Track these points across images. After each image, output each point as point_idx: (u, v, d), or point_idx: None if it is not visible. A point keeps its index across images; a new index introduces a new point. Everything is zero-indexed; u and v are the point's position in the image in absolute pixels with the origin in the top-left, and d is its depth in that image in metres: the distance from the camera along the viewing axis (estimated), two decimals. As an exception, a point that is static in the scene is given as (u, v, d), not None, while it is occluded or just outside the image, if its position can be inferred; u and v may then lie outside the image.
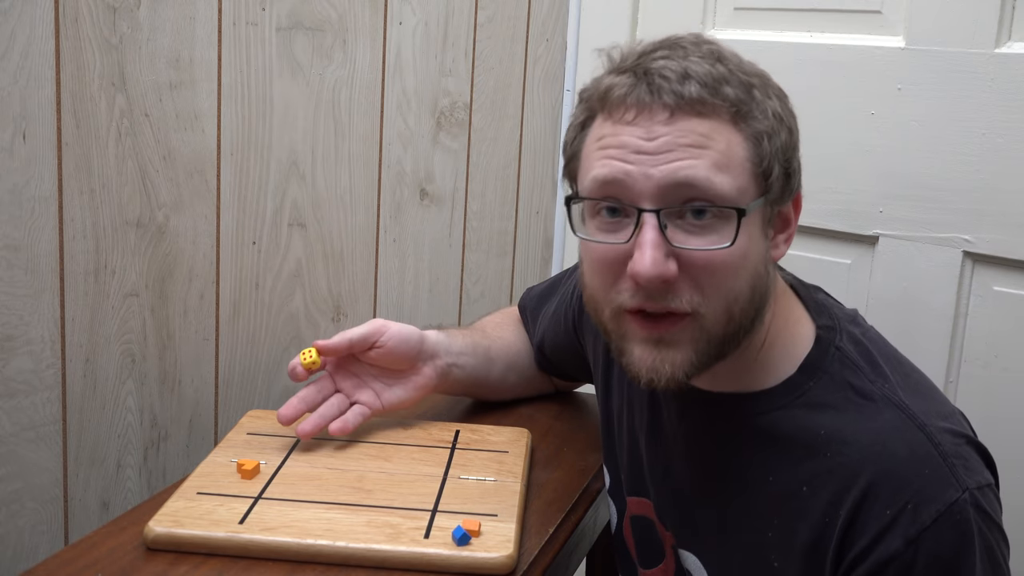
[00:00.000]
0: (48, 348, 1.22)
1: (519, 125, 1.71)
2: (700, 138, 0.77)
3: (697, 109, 0.77)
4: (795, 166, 0.82)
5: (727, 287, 0.78)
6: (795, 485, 0.82)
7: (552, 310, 1.20)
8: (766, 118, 0.79)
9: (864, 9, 1.43)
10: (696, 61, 0.78)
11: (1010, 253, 1.33)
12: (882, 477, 0.77)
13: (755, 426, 0.85)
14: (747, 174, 0.78)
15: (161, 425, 1.37)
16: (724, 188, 0.77)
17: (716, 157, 0.77)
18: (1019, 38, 1.31)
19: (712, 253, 0.77)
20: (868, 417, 0.81)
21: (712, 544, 0.90)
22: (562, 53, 1.72)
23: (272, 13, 1.38)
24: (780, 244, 0.84)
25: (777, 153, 0.79)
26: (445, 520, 0.92)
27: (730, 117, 0.78)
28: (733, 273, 0.78)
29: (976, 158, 1.34)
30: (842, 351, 0.85)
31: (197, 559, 0.88)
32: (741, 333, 0.81)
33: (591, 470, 1.11)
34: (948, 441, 0.79)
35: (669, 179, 0.76)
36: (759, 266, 0.80)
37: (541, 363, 1.24)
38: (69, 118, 1.20)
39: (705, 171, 0.76)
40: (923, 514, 0.76)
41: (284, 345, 1.50)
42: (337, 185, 1.51)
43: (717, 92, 0.77)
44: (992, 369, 1.36)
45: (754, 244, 0.79)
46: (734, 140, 0.78)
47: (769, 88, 0.81)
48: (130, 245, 1.29)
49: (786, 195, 0.82)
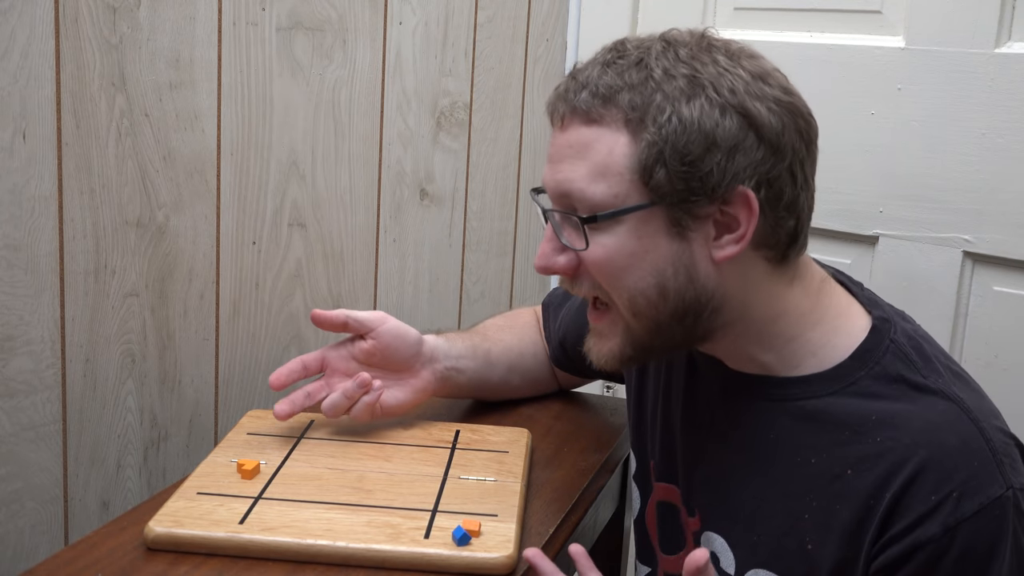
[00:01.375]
0: (48, 348, 1.22)
1: (519, 125, 1.71)
2: (582, 146, 0.83)
3: (585, 118, 0.83)
4: (714, 168, 0.81)
5: (618, 283, 0.85)
6: (839, 467, 0.83)
7: (579, 303, 1.20)
8: (656, 124, 0.80)
9: (864, 9, 1.43)
10: (612, 70, 0.83)
11: (1010, 253, 1.33)
12: (932, 463, 0.79)
13: (802, 408, 0.87)
14: (626, 181, 0.82)
15: (161, 425, 1.37)
16: (597, 196, 0.83)
17: (593, 165, 0.83)
18: (1019, 38, 1.31)
19: (585, 254, 0.85)
20: (922, 407, 0.82)
21: (743, 527, 0.90)
22: (562, 53, 1.72)
23: (272, 13, 1.38)
24: (727, 245, 0.84)
25: (664, 158, 0.80)
26: (445, 520, 0.92)
27: (623, 123, 0.82)
28: (617, 270, 0.84)
29: (976, 158, 1.34)
30: (896, 344, 0.86)
31: (197, 559, 0.88)
32: (667, 328, 0.86)
33: (591, 470, 1.11)
34: (999, 439, 0.81)
35: (556, 188, 0.86)
36: (665, 265, 0.83)
37: (559, 359, 1.24)
38: (69, 118, 1.20)
39: (580, 182, 0.83)
40: (966, 505, 0.77)
41: (284, 345, 1.49)
42: (337, 185, 1.51)
43: (608, 101, 0.82)
44: (992, 369, 1.36)
45: (649, 244, 0.83)
46: (618, 146, 0.82)
47: (703, 88, 0.81)
48: (130, 245, 1.29)
49: (703, 195, 0.81)
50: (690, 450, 0.97)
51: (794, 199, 0.85)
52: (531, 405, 1.26)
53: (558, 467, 1.11)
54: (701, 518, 0.95)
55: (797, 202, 0.86)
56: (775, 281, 0.87)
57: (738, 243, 0.83)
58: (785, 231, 0.85)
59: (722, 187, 0.81)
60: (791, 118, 0.84)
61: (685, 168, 0.81)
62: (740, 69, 0.82)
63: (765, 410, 0.89)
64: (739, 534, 0.91)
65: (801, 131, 0.84)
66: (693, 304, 0.85)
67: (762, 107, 0.82)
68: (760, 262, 0.86)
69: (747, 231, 0.83)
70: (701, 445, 0.95)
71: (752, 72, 0.83)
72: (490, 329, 1.25)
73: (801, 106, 0.85)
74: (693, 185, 0.81)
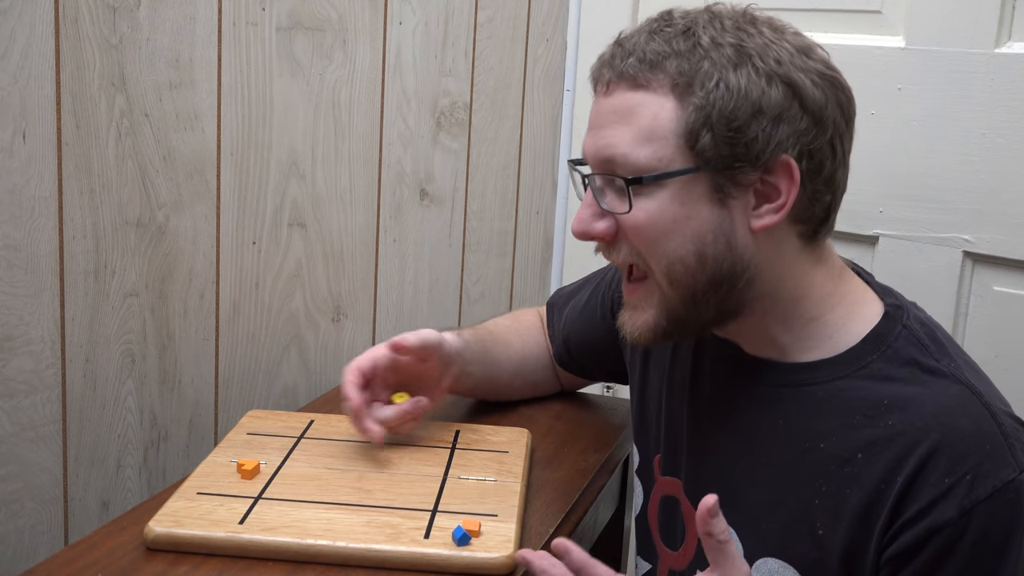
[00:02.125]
0: (48, 348, 1.22)
1: (519, 125, 1.71)
2: (627, 112, 0.84)
3: (631, 83, 0.84)
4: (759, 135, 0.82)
5: (656, 250, 0.85)
6: (850, 451, 0.83)
7: (584, 301, 1.21)
8: (704, 89, 0.82)
9: (864, 9, 1.43)
10: (659, 37, 0.84)
11: (1010, 253, 1.33)
12: (944, 446, 0.79)
13: (813, 394, 0.87)
14: (671, 146, 0.83)
15: (161, 425, 1.37)
16: (642, 160, 0.83)
17: (638, 130, 0.83)
18: (1019, 38, 1.31)
19: (625, 217, 0.85)
20: (934, 391, 0.82)
21: (752, 515, 0.90)
22: (562, 53, 1.72)
23: (272, 13, 1.38)
24: (766, 215, 0.85)
25: (711, 123, 0.82)
26: (445, 520, 0.92)
27: (668, 88, 0.83)
28: (659, 235, 0.84)
29: (976, 158, 1.34)
30: (909, 329, 0.87)
31: (197, 559, 0.88)
32: (701, 299, 0.86)
33: (591, 470, 1.11)
34: (1009, 424, 0.81)
35: (598, 153, 0.86)
36: (705, 233, 0.84)
37: (562, 359, 1.24)
38: (69, 118, 1.20)
39: (624, 146, 0.84)
40: (980, 488, 0.77)
41: (284, 345, 1.50)
42: (337, 185, 1.51)
43: (656, 66, 0.83)
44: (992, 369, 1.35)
45: (691, 211, 0.83)
46: (664, 111, 0.83)
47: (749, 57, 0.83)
48: (130, 245, 1.29)
49: (746, 162, 0.83)
50: (695, 440, 0.97)
51: (832, 173, 0.87)
52: (531, 405, 1.26)
53: (558, 467, 1.11)
54: None
55: (835, 177, 0.87)
56: (804, 259, 0.88)
57: (777, 213, 0.85)
58: (821, 206, 0.87)
59: (766, 154, 0.83)
60: (833, 92, 0.86)
61: (731, 134, 0.82)
62: (785, 42, 0.85)
63: (774, 397, 0.89)
64: (747, 522, 0.91)
65: (843, 106, 0.87)
66: (729, 274, 0.85)
67: (806, 79, 0.84)
68: (793, 238, 0.87)
69: (787, 201, 0.84)
70: (707, 435, 0.95)
71: (796, 45, 0.85)
72: (498, 329, 1.25)
73: (843, 81, 0.88)
74: (738, 151, 0.82)
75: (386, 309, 1.61)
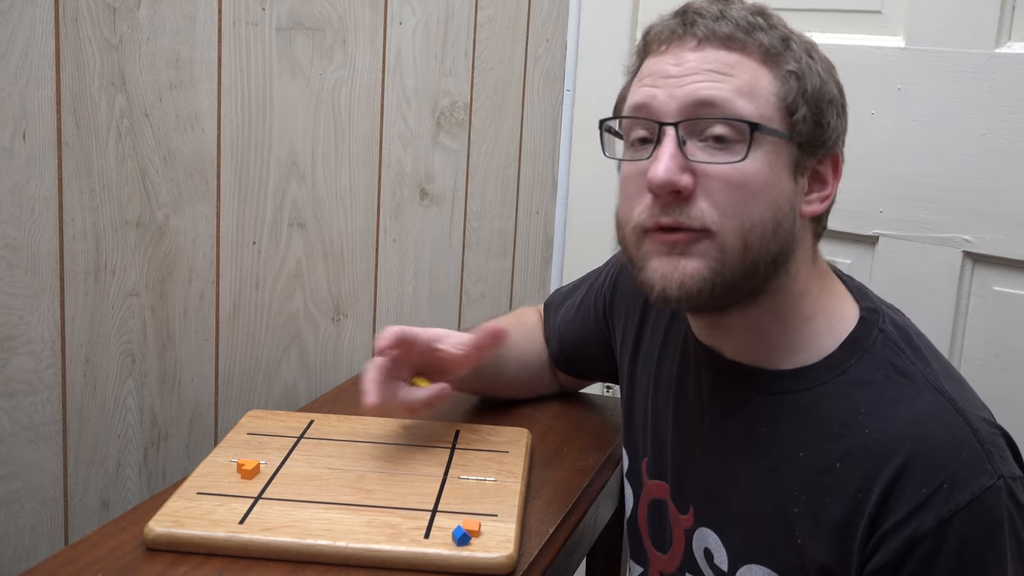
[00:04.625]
0: (48, 348, 1.22)
1: (519, 125, 1.71)
2: (725, 67, 0.81)
3: (726, 43, 0.82)
4: (831, 122, 0.85)
5: (743, 209, 0.80)
6: (829, 461, 0.83)
7: (579, 301, 1.21)
8: (798, 63, 0.83)
9: (864, 9, 1.43)
10: (737, 9, 0.84)
11: (1010, 253, 1.33)
12: (919, 456, 0.78)
13: (794, 402, 0.86)
14: (771, 106, 0.82)
15: (161, 425, 1.37)
16: (745, 111, 0.81)
17: (739, 84, 0.81)
18: (1019, 38, 1.31)
19: (725, 168, 0.80)
20: (908, 397, 0.82)
21: (734, 521, 0.90)
22: (562, 53, 1.72)
23: (272, 13, 1.38)
24: (814, 201, 0.86)
25: (806, 96, 0.83)
26: (445, 520, 0.92)
27: (761, 56, 0.83)
28: (749, 195, 0.81)
29: (976, 158, 1.34)
30: (885, 333, 0.86)
31: (197, 559, 0.88)
32: (760, 269, 0.83)
33: (591, 470, 1.11)
34: (985, 429, 0.80)
35: (690, 98, 0.81)
36: (783, 203, 0.83)
37: (557, 359, 1.25)
38: (69, 118, 1.20)
39: (729, 93, 0.80)
40: (957, 496, 0.76)
41: (284, 345, 1.49)
42: (337, 185, 1.51)
43: (749, 33, 0.82)
44: (992, 369, 1.36)
45: (777, 177, 0.82)
46: (761, 74, 0.82)
47: (813, 51, 0.86)
48: (130, 245, 1.29)
49: (817, 145, 0.84)
50: (681, 446, 0.97)
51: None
52: (531, 405, 1.26)
53: (558, 467, 1.11)
54: (695, 514, 0.95)
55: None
56: (810, 257, 0.89)
57: (823, 202, 0.86)
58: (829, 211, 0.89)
59: (830, 142, 0.85)
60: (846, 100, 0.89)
61: (817, 113, 0.84)
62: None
63: (757, 404, 0.89)
64: (731, 529, 0.91)
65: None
66: (787, 250, 0.84)
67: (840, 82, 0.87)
68: (809, 234, 0.88)
69: (832, 191, 0.86)
70: (692, 440, 0.95)
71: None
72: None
73: None
74: (817, 132, 0.84)
75: (386, 309, 1.61)
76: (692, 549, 0.95)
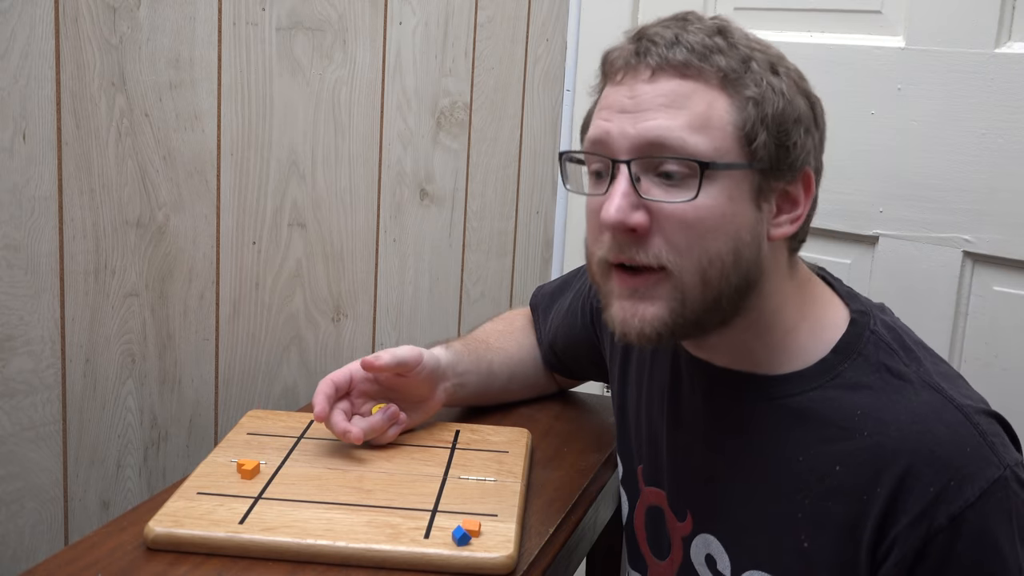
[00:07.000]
0: (48, 348, 1.22)
1: (519, 125, 1.71)
2: (679, 98, 0.79)
3: (680, 71, 0.80)
4: (797, 142, 0.82)
5: (700, 246, 0.80)
6: (828, 465, 0.83)
7: (566, 306, 1.20)
8: (758, 87, 0.81)
9: (864, 9, 1.43)
10: (694, 31, 0.81)
11: (1010, 253, 1.33)
12: (924, 456, 0.78)
13: (787, 407, 0.86)
14: (729, 137, 0.80)
15: (161, 425, 1.37)
16: (698, 147, 0.79)
17: (692, 117, 0.79)
18: (1019, 38, 1.31)
19: (679, 207, 0.79)
20: (906, 397, 0.82)
21: (737, 528, 0.90)
22: (562, 53, 1.72)
23: (272, 13, 1.38)
24: (784, 224, 0.84)
25: (767, 121, 0.80)
26: (445, 520, 0.92)
27: (718, 82, 0.80)
28: (705, 231, 0.80)
29: (976, 158, 1.34)
30: (876, 335, 0.86)
31: (197, 559, 0.88)
32: (723, 302, 0.82)
33: (591, 470, 1.11)
34: (985, 421, 0.81)
35: (642, 137, 0.79)
36: (743, 234, 0.81)
37: (550, 362, 1.24)
38: (69, 118, 1.20)
39: (679, 130, 0.79)
40: (967, 491, 0.77)
41: (284, 345, 1.49)
42: (337, 185, 1.51)
43: (705, 59, 0.80)
44: (992, 369, 1.36)
45: (737, 208, 0.81)
46: (718, 103, 0.80)
47: (779, 65, 0.83)
48: (130, 245, 1.29)
49: (783, 168, 0.82)
50: (676, 453, 0.96)
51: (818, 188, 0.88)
52: (531, 405, 1.26)
53: (558, 467, 1.11)
54: (693, 521, 0.95)
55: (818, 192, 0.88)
56: (785, 271, 0.88)
57: (793, 223, 0.84)
58: (810, 221, 0.87)
59: (798, 163, 0.83)
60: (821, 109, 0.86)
61: (780, 136, 0.81)
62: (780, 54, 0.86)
63: (751, 409, 0.89)
64: (733, 535, 0.90)
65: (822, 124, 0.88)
66: (751, 279, 0.83)
67: (813, 94, 0.85)
68: (783, 250, 0.87)
69: (803, 212, 0.84)
70: (687, 447, 0.95)
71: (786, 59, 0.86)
72: (491, 337, 1.24)
73: None
74: (781, 155, 0.82)
75: (386, 309, 1.61)
76: (691, 556, 0.95)
